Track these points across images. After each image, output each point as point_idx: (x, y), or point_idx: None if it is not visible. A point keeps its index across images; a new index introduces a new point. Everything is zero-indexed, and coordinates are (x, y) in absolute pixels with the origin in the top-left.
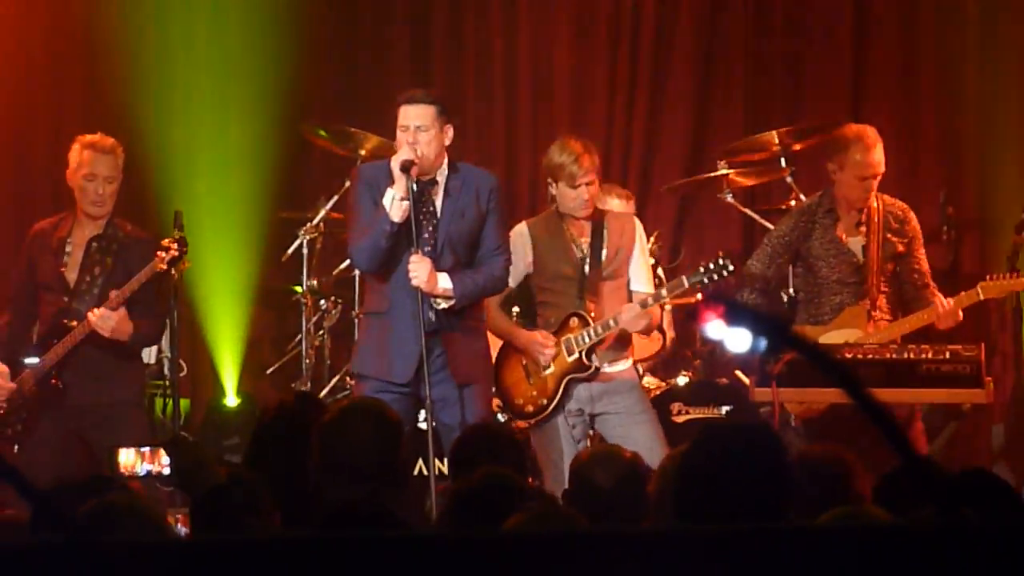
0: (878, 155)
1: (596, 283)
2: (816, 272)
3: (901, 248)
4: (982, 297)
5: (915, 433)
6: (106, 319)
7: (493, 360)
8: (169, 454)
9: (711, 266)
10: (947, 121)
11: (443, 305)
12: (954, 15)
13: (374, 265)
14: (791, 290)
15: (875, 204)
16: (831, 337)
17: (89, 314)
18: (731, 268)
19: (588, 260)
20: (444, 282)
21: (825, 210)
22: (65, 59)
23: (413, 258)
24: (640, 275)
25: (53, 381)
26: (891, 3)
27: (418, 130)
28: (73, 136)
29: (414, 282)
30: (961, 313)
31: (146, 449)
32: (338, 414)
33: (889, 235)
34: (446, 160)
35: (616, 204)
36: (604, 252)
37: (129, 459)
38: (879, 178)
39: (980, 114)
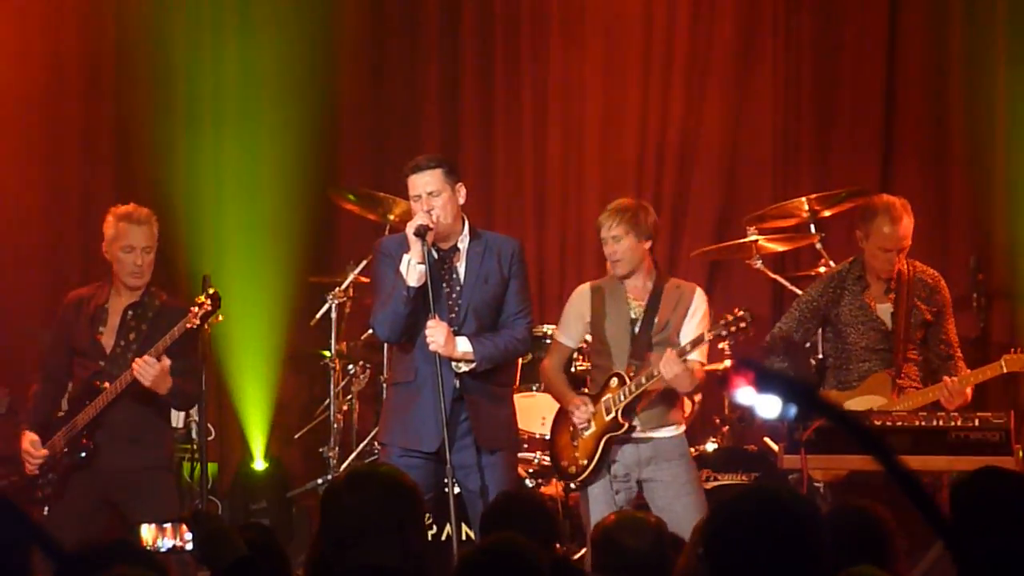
0: (904, 229)
1: (642, 348)
2: (845, 338)
3: (929, 316)
4: (1005, 371)
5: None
6: (150, 366)
7: (550, 422)
8: (191, 528)
9: (729, 319)
10: (977, 186)
11: (464, 368)
12: (984, 80)
13: (395, 334)
14: (820, 355)
15: (906, 270)
16: (855, 403)
17: (134, 363)
18: (749, 320)
19: (639, 324)
20: (463, 345)
21: (855, 277)
22: (96, 126)
23: (430, 323)
24: (687, 339)
25: (84, 441)
26: (921, 68)
27: (430, 196)
28: (104, 204)
29: (431, 347)
30: (970, 392)
31: (168, 525)
32: (332, 484)
33: (918, 302)
34: (467, 227)
35: None
36: (656, 320)
37: (151, 535)
38: (905, 251)
39: (1011, 180)
